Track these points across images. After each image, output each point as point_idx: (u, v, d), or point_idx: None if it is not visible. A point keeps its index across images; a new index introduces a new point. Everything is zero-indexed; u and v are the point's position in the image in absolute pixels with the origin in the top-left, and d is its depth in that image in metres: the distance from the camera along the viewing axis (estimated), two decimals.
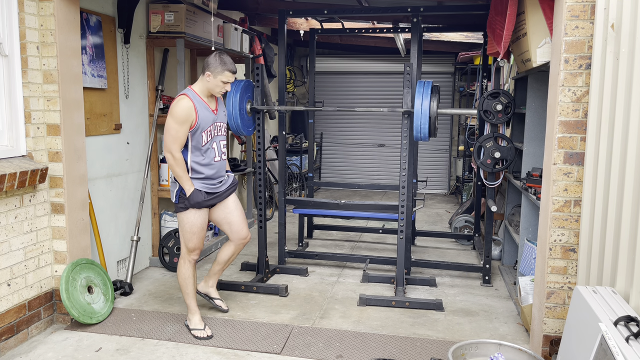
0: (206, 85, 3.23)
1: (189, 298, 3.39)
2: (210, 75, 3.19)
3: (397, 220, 3.95)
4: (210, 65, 3.18)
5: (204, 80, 3.22)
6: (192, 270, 3.36)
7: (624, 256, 2.24)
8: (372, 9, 4.51)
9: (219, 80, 3.20)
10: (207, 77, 3.20)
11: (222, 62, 3.17)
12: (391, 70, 8.84)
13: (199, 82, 3.26)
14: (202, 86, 3.25)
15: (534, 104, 4.04)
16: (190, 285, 3.36)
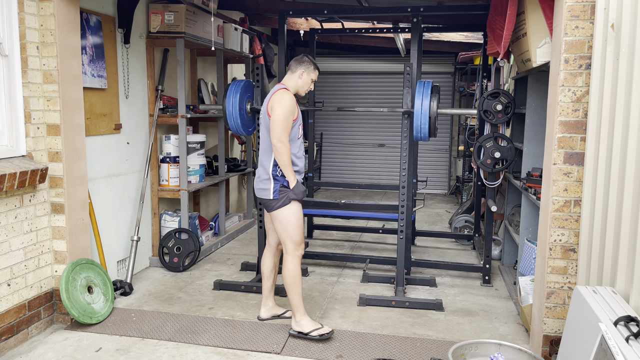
0: (297, 83, 3.34)
1: (299, 298, 3.27)
2: (304, 73, 3.32)
3: (397, 220, 3.95)
4: (304, 64, 3.33)
5: (296, 79, 3.33)
6: (300, 267, 3.31)
7: (624, 256, 2.24)
8: (372, 9, 4.51)
9: (309, 78, 3.36)
10: (300, 75, 3.31)
11: (313, 62, 3.39)
12: (391, 70, 8.84)
13: (290, 80, 3.34)
14: (294, 84, 3.34)
15: (534, 104, 4.04)
16: (300, 283, 3.29)
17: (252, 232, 6.00)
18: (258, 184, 3.29)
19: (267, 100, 3.25)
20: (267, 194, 3.23)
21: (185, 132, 4.54)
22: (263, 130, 3.30)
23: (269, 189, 3.22)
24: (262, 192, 3.27)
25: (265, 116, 3.26)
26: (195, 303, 3.86)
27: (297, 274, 3.26)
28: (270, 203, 3.24)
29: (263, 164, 3.29)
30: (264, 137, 3.30)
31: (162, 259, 4.59)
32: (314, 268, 4.68)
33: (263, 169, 3.28)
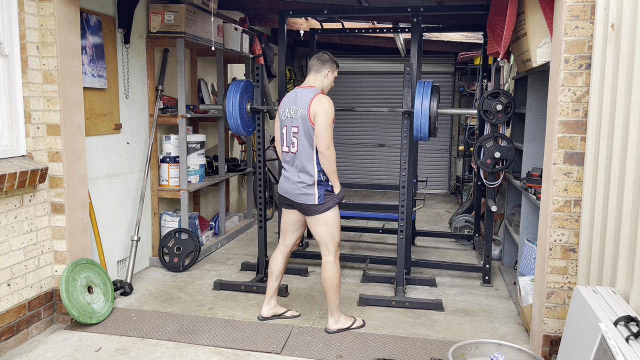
0: (323, 83, 3.32)
1: (339, 298, 3.38)
2: (329, 73, 3.31)
3: (397, 220, 3.95)
4: (328, 63, 3.30)
5: (322, 79, 3.31)
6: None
7: (624, 256, 2.24)
8: (372, 9, 4.51)
9: (333, 77, 3.36)
10: (326, 75, 3.30)
11: (335, 60, 3.35)
12: (391, 70, 8.84)
13: (316, 81, 3.30)
14: (320, 84, 3.31)
15: (534, 104, 4.04)
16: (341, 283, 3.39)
17: (252, 232, 6.00)
18: (299, 190, 3.23)
19: (307, 106, 3.16)
20: (312, 199, 3.22)
21: (185, 132, 4.54)
22: (301, 135, 3.21)
23: (314, 194, 3.21)
24: (304, 197, 3.23)
25: (305, 122, 3.18)
26: (195, 303, 3.86)
27: (340, 274, 3.37)
28: (315, 207, 3.24)
29: (306, 170, 3.22)
30: (303, 143, 3.21)
31: (162, 259, 4.59)
32: (314, 268, 4.68)
33: (306, 175, 3.22)
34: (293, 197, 3.29)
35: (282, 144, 3.36)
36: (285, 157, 3.35)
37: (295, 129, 3.24)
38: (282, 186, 3.38)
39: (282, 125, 3.34)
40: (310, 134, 3.19)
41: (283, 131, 3.33)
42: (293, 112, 3.26)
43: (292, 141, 3.26)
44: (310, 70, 3.34)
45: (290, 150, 3.29)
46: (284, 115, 3.32)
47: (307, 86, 3.30)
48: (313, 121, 3.16)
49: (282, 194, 3.39)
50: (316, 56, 3.35)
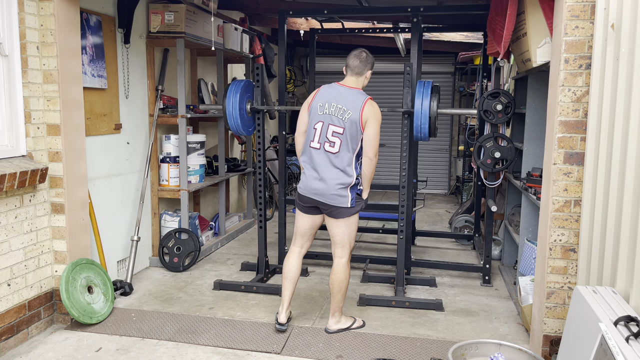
0: (364, 84, 3.32)
1: (344, 300, 3.40)
2: (370, 73, 3.31)
3: (397, 220, 3.95)
4: (369, 64, 3.28)
5: (364, 80, 3.31)
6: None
7: (624, 256, 2.24)
8: (372, 9, 4.51)
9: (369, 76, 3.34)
10: (367, 77, 3.31)
11: (373, 60, 3.34)
12: (391, 70, 8.84)
13: (360, 82, 3.29)
14: (362, 85, 3.31)
15: (534, 104, 4.04)
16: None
17: (252, 232, 6.00)
18: (336, 190, 3.16)
19: (360, 110, 3.13)
20: (345, 202, 3.18)
21: (185, 132, 4.54)
22: (346, 138, 3.14)
23: (348, 196, 3.18)
24: (338, 199, 3.17)
25: (355, 126, 3.14)
26: (195, 303, 3.86)
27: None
28: (346, 210, 3.21)
29: (346, 172, 3.16)
30: (346, 145, 3.15)
31: (162, 259, 4.59)
32: (314, 268, 4.68)
33: (345, 176, 3.16)
34: (325, 198, 3.18)
35: (313, 139, 3.20)
36: (313, 154, 3.21)
37: (339, 129, 3.15)
38: (310, 185, 3.22)
39: (315, 119, 3.20)
40: (357, 138, 3.16)
41: (317, 126, 3.19)
42: (337, 111, 3.15)
43: (332, 140, 3.15)
44: (351, 70, 3.24)
45: (327, 149, 3.17)
46: (321, 110, 3.18)
47: (351, 87, 3.23)
48: (364, 126, 3.15)
49: (307, 195, 3.24)
50: (356, 55, 3.25)
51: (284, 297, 3.38)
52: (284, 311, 3.36)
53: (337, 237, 3.29)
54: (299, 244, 3.41)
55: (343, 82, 3.28)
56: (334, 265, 3.34)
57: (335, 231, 3.29)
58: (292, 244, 3.44)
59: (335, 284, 3.32)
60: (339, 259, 3.33)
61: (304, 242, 3.42)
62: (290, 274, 3.36)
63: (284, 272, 3.39)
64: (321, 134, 3.18)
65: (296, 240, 3.42)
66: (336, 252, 3.33)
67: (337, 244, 3.31)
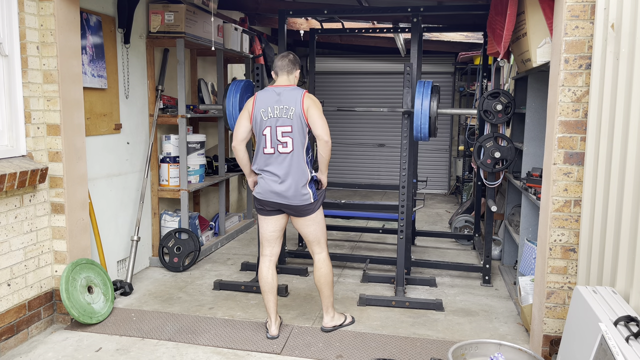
0: (295, 83, 3.34)
1: (333, 295, 3.42)
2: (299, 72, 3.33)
3: (397, 220, 3.95)
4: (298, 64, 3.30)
5: (294, 79, 3.32)
6: None
7: (624, 256, 2.24)
8: (372, 9, 4.51)
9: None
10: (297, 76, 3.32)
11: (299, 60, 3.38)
12: (391, 70, 8.84)
13: (291, 80, 3.29)
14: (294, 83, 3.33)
15: (534, 104, 4.04)
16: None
17: (252, 232, 6.00)
18: (299, 191, 3.13)
19: (300, 103, 3.11)
20: (308, 199, 3.16)
21: (185, 132, 4.54)
22: (296, 134, 3.12)
23: (309, 192, 3.17)
24: (303, 197, 3.15)
25: (300, 119, 3.11)
26: (195, 303, 3.86)
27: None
28: (311, 206, 3.20)
29: (302, 169, 3.14)
30: (297, 142, 3.12)
31: (162, 259, 4.59)
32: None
33: (302, 174, 3.14)
34: (288, 199, 3.15)
35: (265, 145, 3.16)
36: (269, 160, 3.16)
37: (287, 128, 3.12)
38: (270, 189, 3.16)
39: (262, 125, 3.16)
40: (304, 131, 3.14)
41: (265, 132, 3.15)
42: (281, 112, 3.14)
43: (284, 141, 3.13)
44: (281, 70, 3.23)
45: (280, 151, 3.14)
46: (265, 115, 3.15)
47: (286, 85, 3.23)
48: (307, 117, 3.12)
49: (268, 199, 3.19)
50: (284, 57, 3.25)
51: (270, 311, 3.32)
52: (274, 323, 3.31)
53: (310, 236, 3.30)
54: (268, 252, 3.34)
55: (277, 84, 3.25)
56: (315, 261, 3.34)
57: (307, 231, 3.28)
58: (261, 254, 3.38)
59: (322, 279, 3.32)
60: (319, 255, 3.33)
61: (273, 249, 3.35)
62: (268, 286, 3.30)
63: (261, 285, 3.32)
64: (272, 138, 3.15)
65: (264, 249, 3.35)
66: (314, 249, 3.34)
67: (313, 242, 3.32)
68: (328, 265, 3.34)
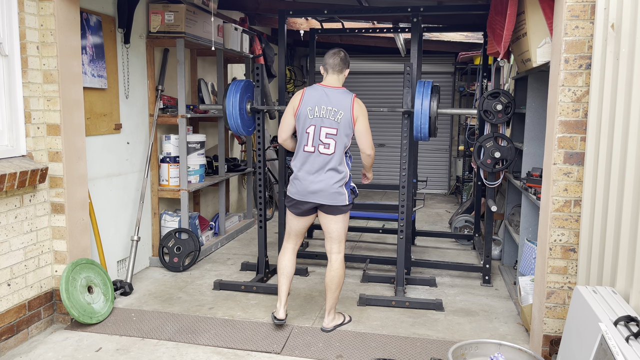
0: (343, 81, 3.41)
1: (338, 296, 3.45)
2: (348, 71, 3.41)
3: (397, 220, 3.95)
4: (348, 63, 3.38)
5: (343, 78, 3.39)
6: None
7: (624, 256, 2.24)
8: (372, 9, 4.51)
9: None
10: (346, 75, 3.39)
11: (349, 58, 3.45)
12: (391, 70, 8.84)
13: (341, 80, 3.36)
14: (342, 83, 3.39)
15: (534, 104, 4.04)
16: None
17: (252, 232, 6.00)
18: (336, 189, 3.22)
19: (350, 109, 3.18)
20: (344, 200, 3.26)
21: (185, 132, 4.54)
22: (341, 138, 3.19)
23: (345, 194, 3.27)
24: (337, 197, 3.23)
25: (348, 125, 3.19)
26: (195, 303, 3.86)
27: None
28: (344, 207, 3.29)
29: (340, 171, 3.23)
30: (340, 145, 3.20)
31: (162, 259, 4.59)
32: (314, 268, 4.68)
33: (340, 175, 3.23)
34: (325, 198, 3.22)
35: (307, 143, 3.23)
36: (308, 157, 3.24)
37: (333, 130, 3.19)
38: (307, 188, 3.24)
39: (307, 123, 3.22)
40: (348, 136, 3.23)
41: (309, 130, 3.21)
42: (328, 113, 3.19)
43: (326, 142, 3.19)
44: (332, 69, 3.28)
45: (321, 151, 3.21)
46: (311, 113, 3.21)
47: (335, 87, 3.28)
48: (355, 122, 3.22)
49: (304, 199, 3.27)
50: (335, 53, 3.29)
51: (281, 294, 3.42)
52: (282, 307, 3.39)
53: (334, 233, 3.35)
54: (293, 242, 3.49)
55: (326, 83, 3.31)
56: (332, 261, 3.37)
57: (333, 227, 3.34)
58: (286, 242, 3.50)
59: (335, 280, 3.35)
60: (337, 255, 3.37)
61: (297, 241, 3.50)
62: (286, 270, 3.42)
63: (279, 269, 3.44)
64: (314, 137, 3.22)
65: (290, 239, 3.49)
66: (333, 248, 3.37)
67: (335, 240, 3.36)
68: (343, 268, 3.38)
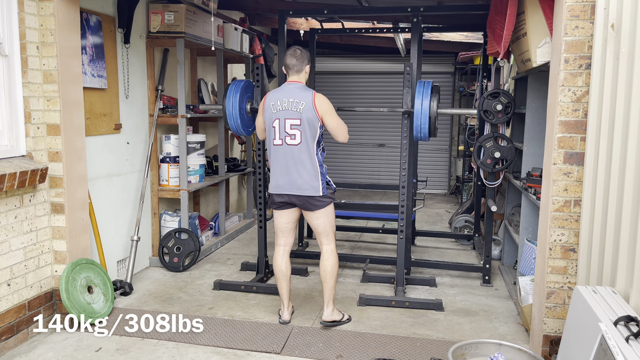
0: (305, 78, 3.45)
1: (335, 289, 3.48)
2: (308, 68, 3.43)
3: (397, 220, 3.95)
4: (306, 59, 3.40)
5: (304, 76, 3.41)
6: None
7: (624, 256, 2.24)
8: (372, 9, 4.51)
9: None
10: (307, 71, 3.42)
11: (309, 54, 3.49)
12: (391, 70, 8.84)
13: (302, 78, 3.40)
14: (304, 80, 3.43)
15: (534, 104, 4.04)
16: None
17: (252, 232, 6.00)
18: (308, 183, 3.28)
19: (312, 100, 3.24)
20: (317, 190, 3.30)
21: (185, 132, 4.54)
22: (305, 127, 3.24)
23: (319, 186, 3.30)
24: (310, 189, 3.29)
25: (312, 113, 3.23)
26: (195, 303, 3.86)
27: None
28: (320, 200, 3.33)
29: (311, 162, 3.28)
30: (306, 135, 3.25)
31: (162, 259, 4.59)
32: (314, 268, 4.67)
33: (312, 167, 3.28)
34: (297, 190, 3.29)
35: (274, 137, 3.31)
36: (278, 151, 3.31)
37: (296, 120, 3.24)
38: (280, 182, 3.33)
39: (272, 118, 3.31)
40: (315, 126, 3.25)
41: (275, 124, 3.30)
42: (290, 105, 3.26)
43: (292, 133, 3.26)
44: (291, 69, 3.34)
45: (289, 143, 3.28)
46: (274, 108, 3.30)
47: (294, 81, 3.36)
48: (321, 117, 3.26)
49: (279, 192, 3.35)
50: (291, 55, 3.35)
51: (283, 297, 3.50)
52: (286, 309, 3.51)
53: (319, 227, 3.40)
54: (282, 242, 3.51)
55: (288, 81, 3.39)
56: (324, 252, 3.44)
57: (316, 222, 3.39)
58: (276, 244, 3.54)
59: (328, 269, 3.40)
60: (327, 246, 3.44)
61: (287, 239, 3.52)
62: (281, 273, 3.48)
63: (275, 272, 3.50)
64: (280, 130, 3.30)
65: (278, 238, 3.52)
66: (322, 240, 3.45)
67: (322, 234, 3.43)
68: (335, 257, 3.43)
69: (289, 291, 3.50)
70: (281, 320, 3.49)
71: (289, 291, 3.51)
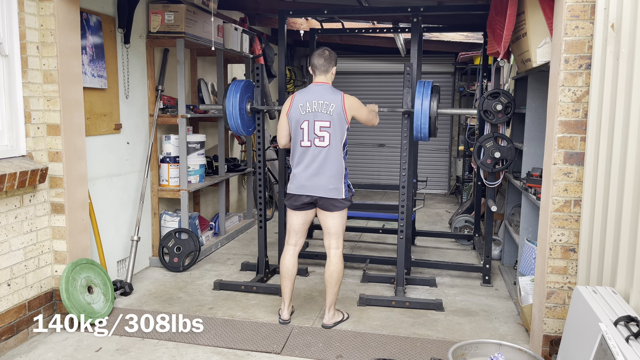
0: (332, 79, 3.46)
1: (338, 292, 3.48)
2: (335, 69, 3.44)
3: (397, 220, 3.95)
4: (334, 60, 3.42)
5: (331, 77, 3.42)
6: None
7: (624, 256, 2.24)
8: (372, 9, 4.51)
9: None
10: (333, 72, 3.43)
11: (335, 55, 3.50)
12: (391, 70, 8.84)
13: (329, 78, 3.39)
14: (331, 81, 3.43)
15: (534, 104, 4.04)
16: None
17: (252, 232, 6.00)
18: (332, 184, 3.29)
19: (341, 103, 3.27)
20: (339, 193, 3.32)
21: (185, 132, 4.54)
22: (335, 130, 3.26)
23: (342, 188, 3.33)
24: (334, 191, 3.30)
25: (341, 117, 3.26)
26: (195, 303, 3.86)
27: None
28: (340, 202, 3.35)
29: (337, 164, 3.30)
30: (335, 137, 3.27)
31: (162, 259, 4.59)
32: (314, 268, 4.67)
33: (337, 169, 3.30)
34: (322, 192, 3.29)
35: (302, 138, 3.30)
36: (305, 152, 3.30)
37: (325, 123, 3.26)
38: (304, 183, 3.31)
39: (301, 119, 3.29)
40: (343, 128, 3.29)
41: (303, 126, 3.29)
42: (320, 107, 3.26)
43: (321, 135, 3.27)
44: (318, 70, 3.35)
45: (316, 144, 3.28)
46: (302, 110, 3.29)
47: (323, 82, 3.36)
48: (348, 118, 3.30)
49: (302, 193, 3.33)
50: (319, 55, 3.35)
51: (285, 296, 3.49)
52: (287, 308, 3.51)
53: (332, 228, 3.40)
54: (293, 242, 3.51)
55: (315, 82, 3.38)
56: (331, 256, 3.41)
57: (331, 222, 3.39)
58: (287, 242, 3.53)
59: (335, 275, 3.39)
60: (336, 250, 3.42)
61: (298, 239, 3.52)
62: (288, 272, 3.46)
63: (281, 270, 3.48)
64: (309, 132, 3.29)
65: (290, 238, 3.51)
66: (331, 243, 3.42)
67: (333, 235, 3.41)
68: (342, 264, 3.43)
69: (291, 291, 3.50)
70: (281, 320, 3.49)
71: (292, 291, 3.51)
